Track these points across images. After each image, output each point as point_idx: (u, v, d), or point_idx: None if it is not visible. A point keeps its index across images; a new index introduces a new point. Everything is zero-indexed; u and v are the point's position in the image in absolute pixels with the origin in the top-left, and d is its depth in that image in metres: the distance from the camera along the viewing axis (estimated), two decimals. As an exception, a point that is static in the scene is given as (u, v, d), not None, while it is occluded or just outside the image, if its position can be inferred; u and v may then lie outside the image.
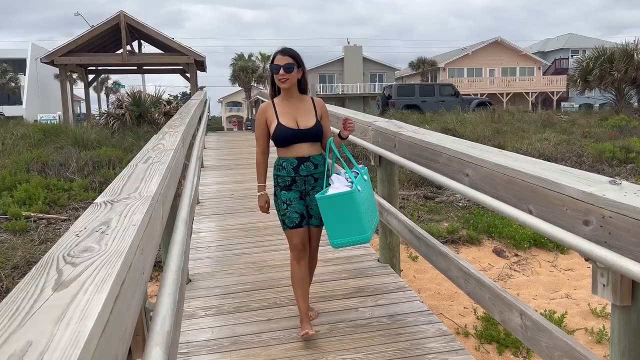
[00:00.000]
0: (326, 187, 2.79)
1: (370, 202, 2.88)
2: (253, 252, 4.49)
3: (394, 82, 33.83)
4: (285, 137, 2.83)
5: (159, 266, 4.43)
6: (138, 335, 1.23)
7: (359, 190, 2.65)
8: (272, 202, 3.03)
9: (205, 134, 11.76)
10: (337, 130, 3.61)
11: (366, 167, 2.95)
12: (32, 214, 6.88)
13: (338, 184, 2.72)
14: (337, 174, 2.85)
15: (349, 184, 2.71)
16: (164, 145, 2.80)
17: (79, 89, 36.71)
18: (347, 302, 3.43)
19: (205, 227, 5.32)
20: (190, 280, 3.87)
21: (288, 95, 2.90)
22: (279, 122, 2.83)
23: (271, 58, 2.87)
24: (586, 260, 1.63)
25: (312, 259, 3.05)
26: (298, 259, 2.92)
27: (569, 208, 1.70)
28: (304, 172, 2.87)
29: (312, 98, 2.98)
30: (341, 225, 2.65)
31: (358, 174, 2.85)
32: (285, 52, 2.83)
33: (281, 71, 2.79)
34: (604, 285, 1.57)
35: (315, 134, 2.88)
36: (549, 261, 6.20)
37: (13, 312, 0.81)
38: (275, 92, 2.95)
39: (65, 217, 6.92)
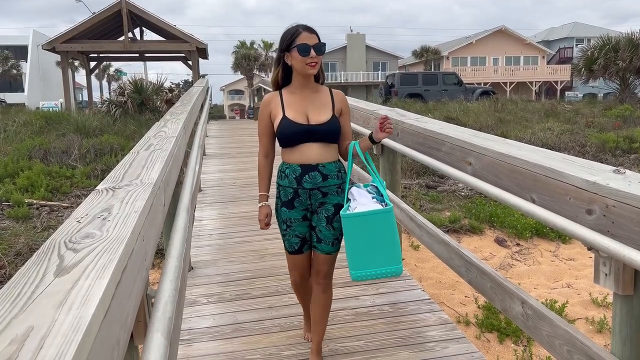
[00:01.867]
0: (346, 202, 2.24)
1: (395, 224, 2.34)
2: (255, 240, 4.50)
3: (397, 71, 33.69)
4: (290, 134, 2.27)
5: (161, 254, 4.45)
6: (140, 321, 1.23)
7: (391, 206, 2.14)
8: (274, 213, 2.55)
9: (207, 122, 11.74)
10: (364, 130, 3.21)
11: (384, 182, 2.41)
12: (35, 201, 6.90)
13: (364, 199, 2.18)
14: (357, 186, 2.30)
15: (375, 200, 2.17)
16: (165, 132, 2.80)
17: (80, 77, 36.64)
18: (348, 290, 3.44)
19: (207, 215, 5.33)
20: (192, 268, 3.88)
21: (303, 84, 2.32)
22: (284, 116, 2.28)
23: (289, 35, 2.24)
24: (589, 249, 1.62)
25: (325, 292, 2.46)
26: (297, 285, 2.59)
27: (572, 197, 1.69)
28: (308, 184, 2.30)
29: (330, 90, 2.42)
30: (369, 253, 2.10)
31: (376, 188, 2.33)
32: (312, 29, 2.25)
33: (312, 52, 2.20)
34: (606, 274, 1.57)
35: (329, 132, 2.29)
36: (550, 251, 6.20)
37: (15, 297, 0.81)
38: (281, 80, 2.37)
39: (67, 205, 6.95)
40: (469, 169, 2.43)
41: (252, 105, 19.81)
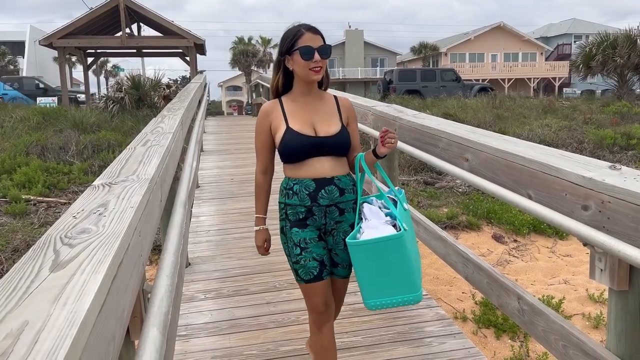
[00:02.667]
0: (357, 223, 1.99)
1: (414, 239, 2.04)
2: (253, 236, 4.48)
3: (395, 67, 33.68)
4: (297, 148, 1.99)
5: (159, 250, 4.45)
6: (136, 316, 1.23)
7: (405, 230, 1.86)
8: (277, 237, 2.19)
9: (205, 118, 11.73)
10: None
11: (403, 191, 2.13)
12: (32, 197, 6.90)
13: (375, 220, 1.94)
14: (368, 202, 2.05)
15: (388, 219, 1.95)
16: (162, 128, 2.80)
17: (78, 72, 36.58)
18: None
19: (205, 211, 5.33)
20: (189, 264, 3.89)
21: (305, 91, 2.07)
22: (288, 127, 2.01)
23: (291, 37, 2.00)
24: (584, 245, 1.63)
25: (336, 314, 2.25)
26: (319, 323, 2.10)
27: (568, 193, 1.70)
28: (324, 200, 2.01)
29: (335, 96, 2.18)
30: (382, 281, 1.88)
31: (396, 201, 2.04)
32: (316, 30, 2.02)
33: (316, 56, 1.96)
34: (601, 269, 1.57)
35: (340, 145, 2.04)
36: (547, 247, 6.22)
37: (10, 292, 0.81)
38: (281, 87, 2.10)
39: (64, 201, 6.94)
40: (465, 165, 2.44)
41: (250, 102, 19.79)
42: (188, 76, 22.97)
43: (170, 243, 1.53)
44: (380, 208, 1.99)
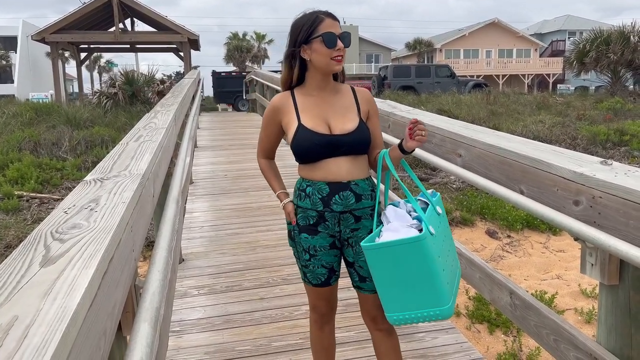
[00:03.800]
0: (377, 226, 1.80)
1: (449, 249, 1.79)
2: (246, 232, 4.50)
3: (390, 63, 33.66)
4: (310, 147, 1.82)
5: (153, 246, 4.44)
6: (128, 311, 1.23)
7: (431, 234, 1.63)
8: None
9: (199, 114, 11.69)
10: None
11: (438, 194, 1.89)
12: (25, 194, 6.86)
13: (397, 222, 1.74)
14: (394, 205, 1.85)
15: (414, 222, 1.73)
16: (155, 123, 2.79)
17: (71, 68, 36.31)
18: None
19: (198, 207, 5.32)
20: (183, 260, 3.88)
21: (321, 85, 1.90)
22: (300, 124, 1.84)
23: (309, 23, 1.81)
24: (575, 240, 1.64)
25: (391, 335, 1.97)
26: (320, 323, 2.08)
27: (560, 188, 1.71)
28: (338, 206, 1.84)
29: (352, 88, 1.99)
30: (403, 291, 1.66)
31: (427, 204, 1.81)
32: (335, 16, 1.86)
33: (339, 43, 1.80)
34: (592, 264, 1.59)
35: (357, 143, 1.85)
36: (541, 242, 6.26)
37: (-1, 287, 0.80)
38: (296, 81, 1.92)
39: (58, 197, 6.91)
40: (459, 161, 2.44)
41: (244, 97, 19.72)
42: (182, 72, 22.87)
43: (163, 238, 1.53)
44: (409, 213, 1.78)
